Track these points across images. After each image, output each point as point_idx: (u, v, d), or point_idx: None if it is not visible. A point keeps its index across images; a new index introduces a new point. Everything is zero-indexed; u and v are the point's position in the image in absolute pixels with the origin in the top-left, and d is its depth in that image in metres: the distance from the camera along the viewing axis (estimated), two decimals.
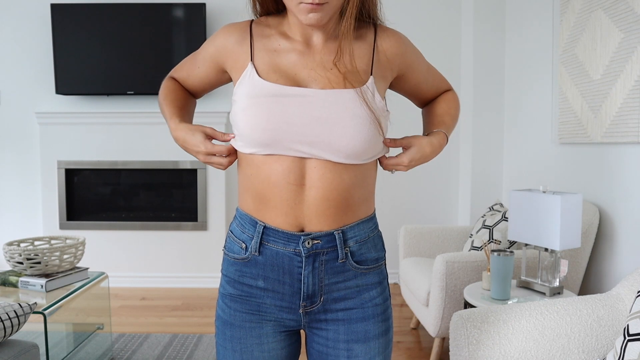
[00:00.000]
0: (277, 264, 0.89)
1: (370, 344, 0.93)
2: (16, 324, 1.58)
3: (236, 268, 0.93)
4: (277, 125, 0.83)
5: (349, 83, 0.87)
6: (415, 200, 3.84)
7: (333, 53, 0.90)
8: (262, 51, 0.91)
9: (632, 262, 2.13)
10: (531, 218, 1.98)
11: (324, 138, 0.84)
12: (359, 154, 0.86)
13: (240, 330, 0.93)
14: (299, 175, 0.86)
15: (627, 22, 2.11)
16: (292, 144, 0.84)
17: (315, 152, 0.84)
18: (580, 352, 1.35)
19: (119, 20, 3.58)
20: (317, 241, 0.87)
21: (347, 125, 0.84)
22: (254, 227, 0.89)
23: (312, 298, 0.90)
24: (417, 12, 3.72)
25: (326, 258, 0.89)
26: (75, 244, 2.17)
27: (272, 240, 0.88)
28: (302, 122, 0.84)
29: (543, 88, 2.90)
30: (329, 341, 0.93)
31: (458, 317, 1.36)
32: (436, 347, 2.29)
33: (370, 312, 0.93)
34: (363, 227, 0.92)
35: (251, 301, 0.92)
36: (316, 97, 0.85)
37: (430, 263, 2.63)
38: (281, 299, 0.91)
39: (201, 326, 2.90)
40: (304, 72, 0.89)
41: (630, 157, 2.14)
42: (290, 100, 0.85)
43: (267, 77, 0.88)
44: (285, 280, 0.89)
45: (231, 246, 0.94)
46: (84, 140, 3.70)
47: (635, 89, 2.08)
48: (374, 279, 0.94)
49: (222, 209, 3.73)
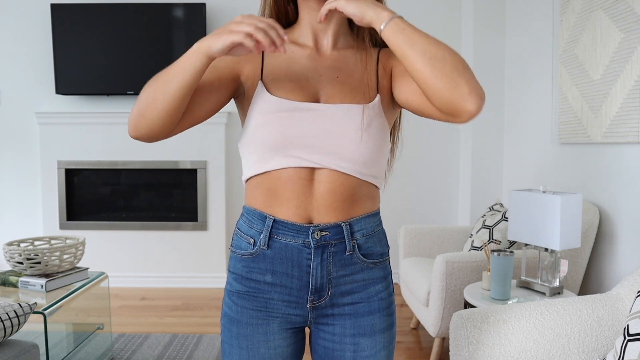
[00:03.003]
0: (286, 256, 0.91)
1: (376, 338, 0.95)
2: (16, 324, 1.58)
3: (244, 264, 0.94)
4: (290, 139, 0.87)
5: (355, 96, 0.92)
6: (415, 200, 3.84)
7: (340, 61, 0.95)
8: (277, 58, 0.95)
9: (632, 262, 2.13)
10: (531, 218, 1.98)
11: (332, 149, 0.88)
12: (362, 165, 0.90)
13: (247, 327, 0.94)
14: (309, 172, 0.89)
15: (627, 22, 2.11)
16: (302, 154, 0.88)
17: (324, 162, 0.88)
18: (580, 352, 1.35)
19: (119, 20, 3.59)
20: (326, 232, 0.90)
21: (353, 138, 0.88)
22: (263, 222, 0.91)
23: (320, 292, 0.92)
24: (417, 12, 3.73)
25: (334, 250, 0.91)
26: (75, 244, 2.17)
27: (282, 233, 0.90)
28: (313, 134, 0.88)
29: (543, 88, 2.90)
30: (335, 336, 0.95)
31: (458, 317, 1.36)
32: (436, 347, 2.29)
33: (377, 305, 0.95)
34: (369, 221, 0.94)
35: (258, 298, 0.93)
36: (327, 111, 0.89)
37: (430, 263, 2.63)
38: (289, 293, 0.92)
39: (201, 326, 2.90)
40: (315, 77, 0.93)
41: (630, 157, 2.14)
42: (302, 114, 0.88)
43: (279, 90, 0.91)
44: (293, 274, 0.91)
45: (238, 243, 0.96)
46: (84, 140, 3.70)
47: (635, 89, 2.08)
48: (379, 273, 0.96)
49: (222, 209, 3.73)
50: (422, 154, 3.79)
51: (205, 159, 3.70)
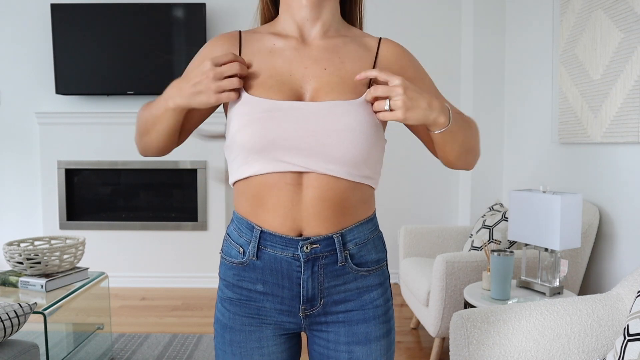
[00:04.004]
0: (275, 268, 0.87)
1: (371, 346, 0.92)
2: (16, 324, 1.58)
3: (234, 272, 0.91)
4: (273, 141, 0.82)
5: (342, 90, 0.85)
6: (415, 200, 3.84)
7: (329, 52, 0.89)
8: (257, 54, 0.89)
9: (632, 262, 2.13)
10: (531, 218, 1.98)
11: (319, 150, 0.82)
12: (353, 167, 0.84)
13: (240, 333, 0.91)
14: (296, 175, 0.84)
15: (627, 22, 2.11)
16: (287, 158, 0.82)
17: (311, 165, 0.83)
18: (580, 352, 1.35)
19: (119, 20, 3.59)
20: (316, 245, 0.85)
21: (340, 137, 0.82)
22: (251, 232, 0.87)
23: (312, 301, 0.89)
24: (417, 12, 3.72)
25: (325, 262, 0.87)
26: (75, 244, 2.17)
27: (270, 245, 0.86)
28: (297, 135, 0.82)
29: (543, 88, 2.91)
30: (329, 343, 0.92)
31: (458, 317, 1.36)
32: (436, 347, 2.29)
33: (371, 313, 0.92)
34: (362, 229, 0.90)
35: (251, 305, 0.91)
36: (310, 109, 0.83)
37: (430, 263, 2.63)
38: (281, 302, 0.89)
39: (201, 326, 2.90)
40: (299, 70, 0.87)
41: (630, 157, 2.14)
42: (284, 114, 0.82)
43: (258, 88, 0.85)
44: (284, 285, 0.88)
45: (229, 250, 0.93)
46: (84, 140, 3.70)
47: (635, 89, 2.08)
48: (374, 280, 0.92)
49: (222, 209, 3.73)
50: (422, 153, 3.79)
51: (205, 159, 3.70)
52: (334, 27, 0.93)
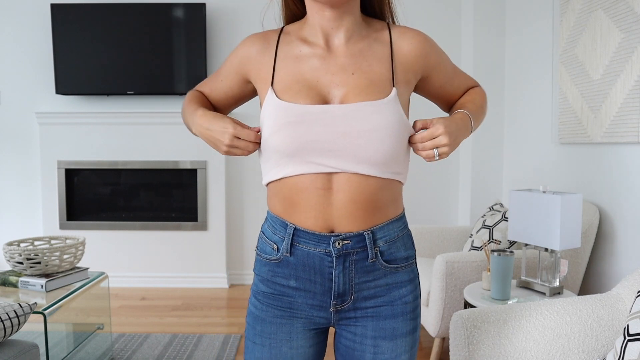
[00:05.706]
0: (308, 264, 0.91)
1: (397, 342, 0.94)
2: (16, 324, 1.58)
3: (268, 268, 0.95)
4: (304, 145, 0.86)
5: (371, 92, 0.88)
6: (415, 200, 3.84)
7: (355, 57, 0.92)
8: (285, 60, 0.93)
9: (632, 262, 2.13)
10: (531, 218, 1.98)
11: (349, 151, 0.86)
12: (383, 165, 0.88)
13: (271, 325, 0.95)
14: (327, 180, 0.88)
15: (627, 22, 2.11)
16: (319, 159, 0.86)
17: (342, 166, 0.86)
18: (580, 352, 1.35)
19: (119, 20, 3.59)
20: (347, 242, 0.89)
21: (370, 137, 0.85)
22: (285, 229, 0.91)
23: (343, 297, 0.92)
24: (417, 12, 3.73)
25: (356, 258, 0.90)
26: (75, 244, 2.17)
27: (303, 242, 0.90)
28: (327, 138, 0.86)
29: (543, 88, 2.90)
30: (356, 337, 0.95)
31: (458, 317, 1.36)
32: (436, 347, 2.29)
33: (400, 309, 0.94)
34: (392, 227, 0.93)
35: (283, 299, 0.94)
36: (339, 112, 0.86)
37: (430, 263, 2.63)
38: (312, 297, 0.93)
39: (201, 326, 2.90)
40: (326, 77, 0.90)
41: (630, 157, 2.14)
42: (314, 118, 0.86)
43: (288, 93, 0.89)
44: (316, 280, 0.91)
45: (263, 247, 0.96)
46: (83, 140, 3.70)
47: (635, 89, 2.08)
48: (404, 277, 0.95)
49: (222, 209, 3.73)
50: None
51: (205, 159, 3.70)
52: (357, 32, 0.95)
